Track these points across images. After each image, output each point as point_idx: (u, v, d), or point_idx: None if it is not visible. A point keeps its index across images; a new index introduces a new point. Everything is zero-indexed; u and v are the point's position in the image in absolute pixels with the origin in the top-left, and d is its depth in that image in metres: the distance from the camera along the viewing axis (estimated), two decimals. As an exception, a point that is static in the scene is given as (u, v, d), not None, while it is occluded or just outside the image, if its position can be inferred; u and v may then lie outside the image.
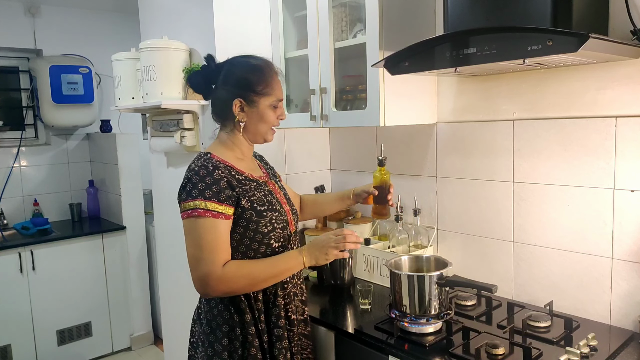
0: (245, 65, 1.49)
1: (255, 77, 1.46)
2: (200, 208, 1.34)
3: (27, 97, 3.77)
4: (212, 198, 1.35)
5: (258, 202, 1.44)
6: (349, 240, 1.43)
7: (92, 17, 3.95)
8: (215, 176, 1.38)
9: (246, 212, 1.41)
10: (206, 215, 1.35)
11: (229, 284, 1.36)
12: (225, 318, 1.44)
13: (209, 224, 1.35)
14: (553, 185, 1.67)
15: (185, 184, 1.39)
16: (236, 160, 1.49)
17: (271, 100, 1.47)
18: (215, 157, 1.44)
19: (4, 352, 3.15)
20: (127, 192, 3.66)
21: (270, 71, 1.49)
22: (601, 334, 1.48)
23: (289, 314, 1.52)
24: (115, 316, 3.65)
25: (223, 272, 1.35)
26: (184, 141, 2.24)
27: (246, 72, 1.47)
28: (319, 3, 1.93)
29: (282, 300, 1.50)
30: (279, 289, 1.49)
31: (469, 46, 1.34)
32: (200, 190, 1.36)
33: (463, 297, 1.78)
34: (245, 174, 1.48)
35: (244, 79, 1.46)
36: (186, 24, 2.27)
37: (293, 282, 1.55)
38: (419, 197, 2.06)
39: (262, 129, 1.50)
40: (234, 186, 1.41)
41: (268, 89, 1.46)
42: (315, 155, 2.48)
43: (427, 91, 1.95)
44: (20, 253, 3.19)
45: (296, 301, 1.56)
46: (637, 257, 1.49)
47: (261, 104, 1.46)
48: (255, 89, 1.45)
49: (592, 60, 1.43)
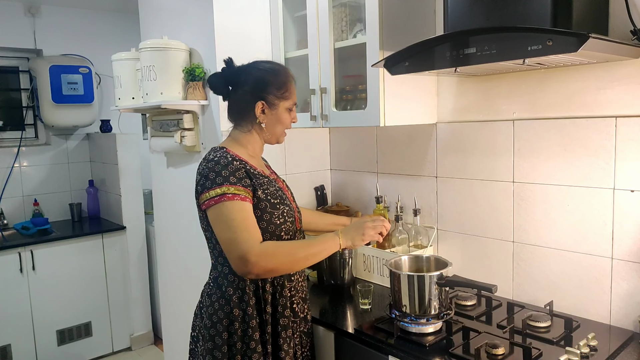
0: (268, 69, 1.57)
1: (277, 81, 1.54)
2: (228, 193, 1.39)
3: (27, 97, 3.77)
4: (237, 183, 1.42)
5: (272, 196, 1.51)
6: (385, 224, 1.53)
7: (92, 17, 3.95)
8: (235, 165, 1.45)
9: (261, 202, 1.47)
10: (235, 199, 1.40)
11: (271, 258, 1.39)
12: (226, 312, 1.47)
13: (239, 206, 1.40)
14: (553, 185, 1.67)
15: (207, 174, 1.43)
16: (249, 157, 1.56)
17: (289, 104, 1.57)
18: (230, 152, 1.50)
19: (4, 352, 3.15)
20: (127, 192, 3.66)
21: (289, 76, 1.58)
22: (601, 334, 1.48)
23: (293, 306, 1.56)
24: (115, 316, 3.65)
25: (263, 248, 1.38)
26: (184, 141, 2.24)
27: (269, 76, 1.55)
28: (319, 3, 1.93)
29: (289, 292, 1.54)
30: (286, 281, 1.53)
31: (469, 46, 1.35)
32: (224, 177, 1.41)
33: (463, 297, 1.78)
34: (257, 169, 1.54)
35: (268, 83, 1.53)
36: (186, 24, 2.27)
37: (295, 277, 1.58)
38: (419, 197, 2.07)
39: (278, 131, 1.59)
40: (251, 177, 1.47)
41: (287, 93, 1.55)
42: (315, 155, 2.48)
43: (427, 91, 1.95)
44: (20, 253, 3.19)
45: (298, 297, 1.59)
46: (637, 257, 1.49)
47: (280, 106, 1.55)
48: (277, 92, 1.54)
49: (592, 60, 1.43)
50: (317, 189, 2.46)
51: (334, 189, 2.52)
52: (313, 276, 2.07)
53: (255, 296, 1.49)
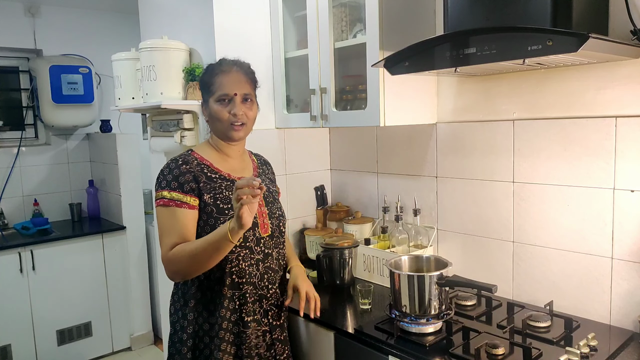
0: (206, 68, 1.59)
1: (205, 77, 1.55)
2: (165, 198, 1.46)
3: (27, 97, 3.77)
4: (177, 189, 1.46)
5: (223, 200, 1.49)
6: (242, 193, 1.24)
7: (92, 17, 3.95)
8: (181, 169, 1.48)
9: (207, 207, 1.48)
10: (170, 205, 1.45)
11: (174, 264, 1.43)
12: (189, 319, 1.54)
13: (171, 212, 1.45)
14: (553, 185, 1.67)
15: (158, 176, 1.51)
16: (218, 160, 1.57)
17: (215, 97, 1.52)
18: (194, 154, 1.55)
19: (4, 352, 3.15)
20: (127, 192, 3.66)
21: (217, 69, 1.54)
22: (601, 334, 1.48)
23: (242, 315, 1.51)
24: (115, 316, 3.65)
25: (170, 255, 1.43)
26: (184, 141, 2.24)
27: (202, 75, 1.58)
28: (319, 3, 1.93)
29: (237, 302, 1.51)
30: (227, 288, 1.50)
31: (469, 46, 1.35)
32: (167, 181, 1.47)
33: (463, 297, 1.78)
34: (221, 172, 1.54)
35: (201, 82, 1.58)
36: (186, 24, 2.27)
37: (261, 284, 1.55)
38: (419, 197, 2.06)
39: (219, 127, 1.54)
40: (199, 181, 1.49)
41: (213, 86, 1.53)
42: (315, 155, 2.48)
43: (427, 91, 1.95)
44: (20, 253, 3.18)
45: (267, 305, 1.57)
46: (637, 257, 1.49)
47: (210, 101, 1.54)
48: (204, 88, 1.56)
49: (592, 60, 1.43)
50: (317, 189, 2.46)
51: (334, 189, 2.52)
52: (313, 276, 2.07)
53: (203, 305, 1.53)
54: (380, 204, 2.22)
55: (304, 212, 2.43)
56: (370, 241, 2.11)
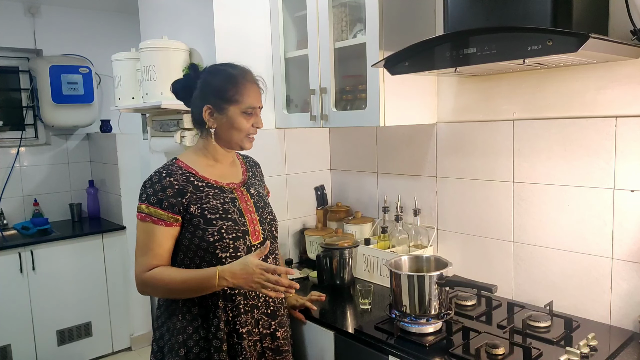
0: (219, 73, 1.53)
1: (225, 85, 1.49)
2: (143, 212, 1.43)
3: (27, 97, 3.77)
4: (156, 204, 1.43)
5: (210, 210, 1.46)
6: (277, 289, 1.35)
7: (92, 17, 3.95)
8: (164, 183, 1.44)
9: (194, 218, 1.44)
10: (147, 220, 1.43)
11: (148, 287, 1.45)
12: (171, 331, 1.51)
13: (148, 228, 1.43)
14: (553, 185, 1.67)
15: (141, 186, 1.48)
16: (205, 166, 1.53)
17: (242, 108, 1.49)
18: (178, 163, 1.51)
19: (4, 352, 3.15)
20: (127, 192, 3.65)
21: (242, 79, 1.50)
22: (601, 334, 1.48)
23: (236, 327, 1.47)
24: (115, 316, 3.65)
25: (146, 277, 1.43)
26: (184, 141, 2.23)
27: (217, 80, 1.50)
28: (319, 3, 1.93)
29: (230, 313, 1.47)
30: (220, 300, 1.46)
31: (469, 46, 1.34)
32: (148, 195, 1.44)
33: (463, 297, 1.78)
34: (208, 180, 1.50)
35: (214, 86, 1.50)
36: (186, 24, 2.27)
37: (252, 294, 1.51)
38: (419, 197, 2.07)
39: (235, 136, 1.52)
40: (184, 193, 1.44)
41: (238, 96, 1.48)
42: (315, 155, 2.48)
43: (427, 91, 1.95)
44: (20, 253, 3.18)
45: (258, 314, 1.52)
46: (637, 257, 1.49)
47: (231, 110, 1.49)
48: (224, 95, 1.48)
49: (592, 60, 1.43)
50: (317, 189, 2.46)
51: (334, 189, 2.52)
52: (313, 276, 2.07)
53: (189, 313, 1.48)
54: (380, 204, 2.22)
55: (304, 212, 2.43)
56: (370, 241, 2.11)
